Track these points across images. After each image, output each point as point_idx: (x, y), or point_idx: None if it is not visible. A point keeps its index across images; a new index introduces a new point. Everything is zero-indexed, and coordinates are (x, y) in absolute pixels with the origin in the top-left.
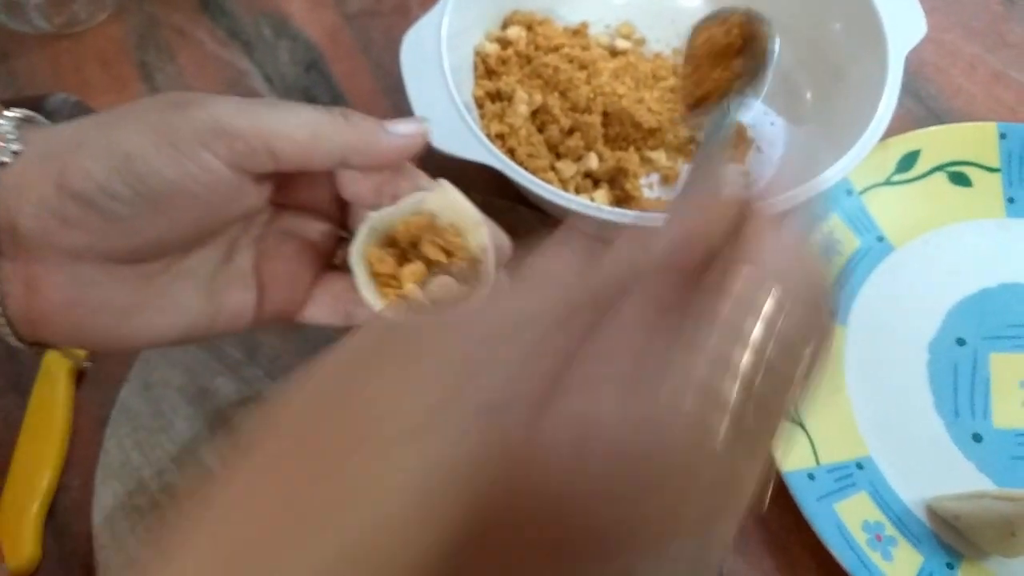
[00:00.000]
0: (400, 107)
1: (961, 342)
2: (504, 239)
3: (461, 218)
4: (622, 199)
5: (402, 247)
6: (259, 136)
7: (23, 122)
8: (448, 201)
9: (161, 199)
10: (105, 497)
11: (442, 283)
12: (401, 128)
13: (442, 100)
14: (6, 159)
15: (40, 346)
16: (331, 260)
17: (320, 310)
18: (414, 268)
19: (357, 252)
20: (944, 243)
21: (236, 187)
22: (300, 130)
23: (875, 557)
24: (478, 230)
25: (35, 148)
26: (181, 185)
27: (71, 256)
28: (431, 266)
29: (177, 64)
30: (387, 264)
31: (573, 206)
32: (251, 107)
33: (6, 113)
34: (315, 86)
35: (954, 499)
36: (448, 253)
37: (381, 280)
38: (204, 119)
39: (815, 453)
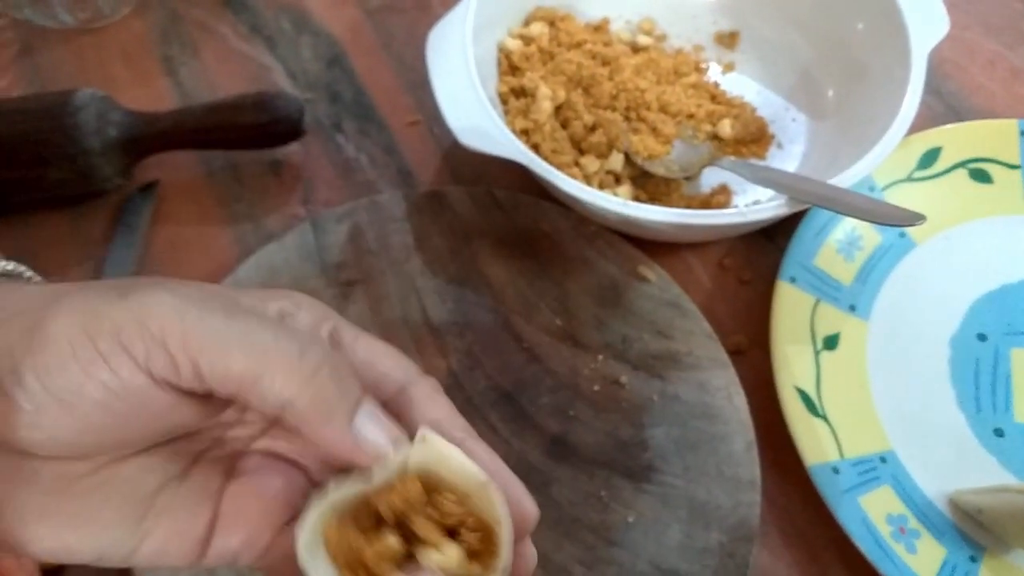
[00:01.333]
0: (422, 102)
1: (982, 338)
2: (527, 502)
3: (460, 478)
4: (647, 193)
5: (370, 525)
6: (186, 351)
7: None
8: (437, 456)
9: (64, 397)
10: None
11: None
12: (370, 435)
13: (467, 96)
14: None
15: None
16: None
17: (283, 563)
18: (383, 547)
19: (306, 544)
20: (965, 239)
21: (156, 399)
22: (239, 362)
23: (899, 549)
24: (485, 492)
25: None
26: (84, 387)
27: None
28: (415, 544)
29: (201, 59)
30: (359, 545)
31: (597, 201)
32: (202, 312)
33: None
34: (337, 82)
35: (976, 493)
36: (447, 529)
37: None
38: (133, 314)
39: (839, 447)
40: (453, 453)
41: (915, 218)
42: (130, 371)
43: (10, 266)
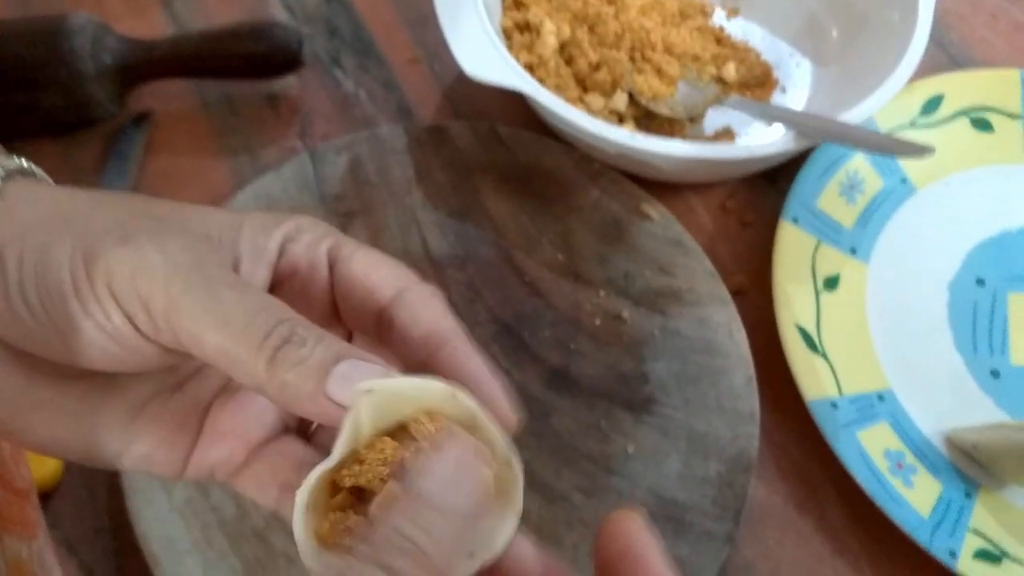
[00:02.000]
0: (422, 39)
1: (981, 282)
2: (503, 407)
3: (428, 401)
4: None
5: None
6: (167, 320)
7: (15, 173)
8: (394, 394)
9: (60, 324)
10: None
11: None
12: (347, 398)
13: (472, 26)
14: None
15: None
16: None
17: (251, 482)
18: (383, 444)
19: (299, 520)
20: (965, 187)
21: (145, 347)
22: (213, 341)
23: (896, 484)
24: (456, 401)
25: (5, 209)
26: (80, 321)
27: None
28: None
29: None
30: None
31: (602, 132)
32: (187, 284)
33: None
34: (336, 16)
35: (972, 430)
36: None
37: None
38: (127, 268)
39: (838, 384)
40: (404, 383)
41: (924, 150)
42: (120, 319)
43: (26, 164)
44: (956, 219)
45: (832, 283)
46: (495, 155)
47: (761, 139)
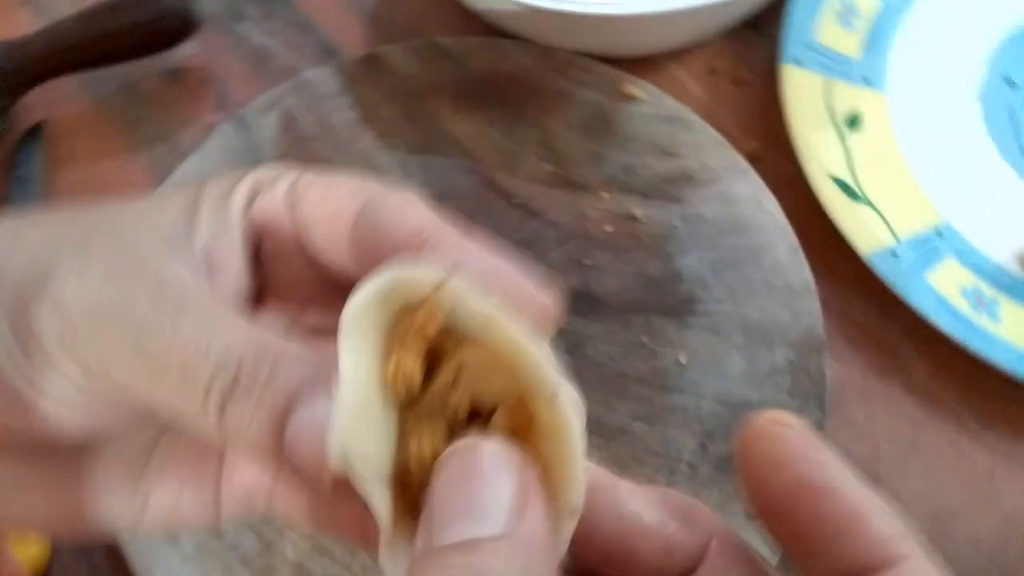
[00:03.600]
0: None
1: (1011, 83)
2: (538, 296)
3: (523, 362)
4: None
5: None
6: (110, 378)
7: None
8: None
9: (13, 402)
10: None
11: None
12: (306, 451)
13: None
14: None
15: None
16: None
17: (285, 498)
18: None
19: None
20: None
21: (104, 399)
22: (153, 401)
23: (982, 321)
24: (574, 464)
25: None
26: (26, 392)
27: None
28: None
29: None
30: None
31: (549, 4)
32: (120, 317)
33: None
34: None
35: None
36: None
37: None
38: (54, 325)
39: (891, 229)
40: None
41: None
42: (71, 387)
43: None
44: (969, 20)
45: (854, 122)
46: (444, 72)
47: None
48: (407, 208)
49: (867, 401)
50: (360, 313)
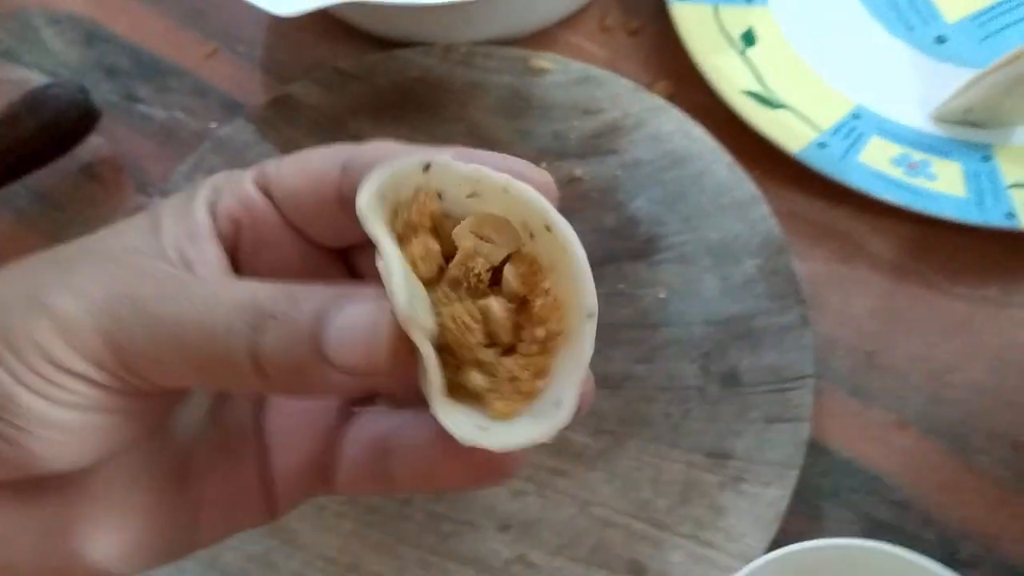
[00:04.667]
0: (207, 30)
1: None
2: (536, 174)
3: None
4: None
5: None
6: (127, 367)
7: None
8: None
9: (35, 430)
10: None
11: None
12: (345, 349)
13: None
14: None
15: None
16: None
17: (355, 470)
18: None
19: (368, 200)
20: None
21: (133, 402)
22: (180, 368)
23: (920, 182)
24: (580, 264)
25: None
26: (50, 414)
27: None
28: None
29: None
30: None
31: None
32: (122, 307)
33: None
34: (106, 55)
35: (955, 98)
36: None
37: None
38: (56, 334)
39: (812, 125)
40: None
41: None
42: (88, 387)
43: None
44: None
45: (749, 38)
46: (354, 94)
47: None
48: (388, 148)
49: (839, 288)
50: (368, 208)
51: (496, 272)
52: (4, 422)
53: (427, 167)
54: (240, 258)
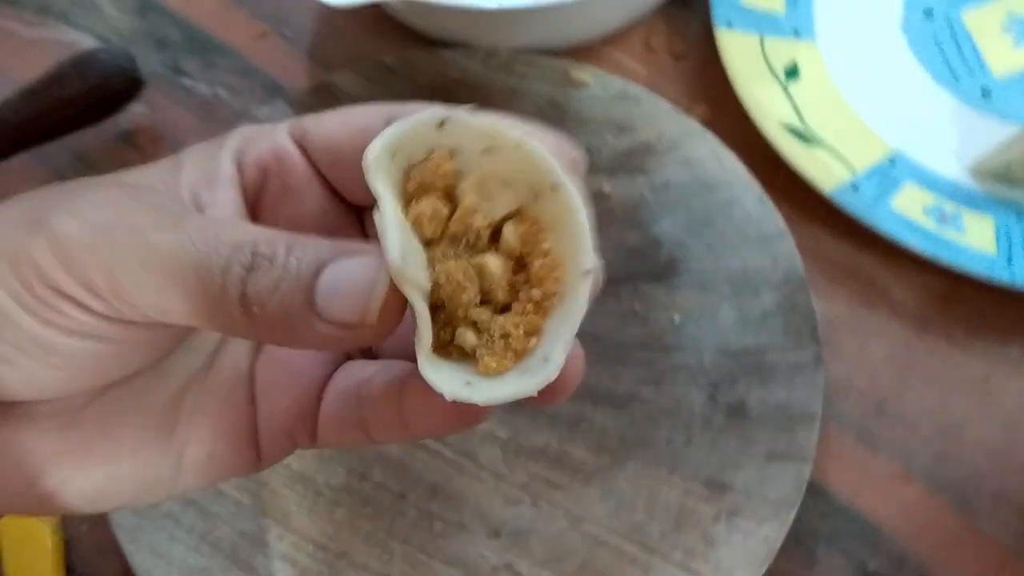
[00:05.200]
0: (258, 10)
1: (928, 13)
2: (564, 143)
3: (544, 191)
4: None
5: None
6: (118, 295)
7: None
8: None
9: (30, 350)
10: None
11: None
12: (336, 301)
13: None
14: None
15: None
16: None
17: (332, 419)
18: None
19: (375, 158)
20: None
21: (129, 332)
22: (169, 303)
23: (950, 234)
24: (582, 224)
25: None
26: (48, 338)
27: None
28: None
29: None
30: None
31: (487, 4)
32: (119, 234)
33: None
34: (157, 26)
35: (997, 152)
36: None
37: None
38: (50, 254)
39: (847, 165)
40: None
41: None
42: (82, 313)
43: None
44: None
45: (792, 72)
46: (394, 89)
47: None
48: (432, 106)
49: (857, 331)
50: (376, 161)
51: (496, 231)
52: (24, 348)
53: (442, 123)
54: (261, 208)
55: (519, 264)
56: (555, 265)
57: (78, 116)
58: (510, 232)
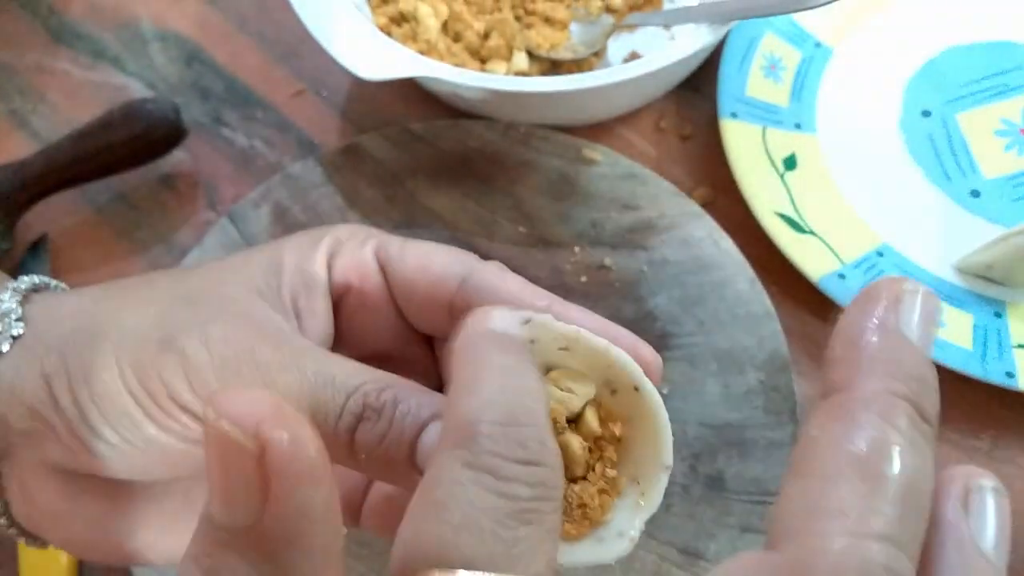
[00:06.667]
0: (299, 70)
1: (927, 114)
2: (644, 349)
3: (573, 354)
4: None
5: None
6: None
7: (31, 292)
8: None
9: (142, 446)
10: None
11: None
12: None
13: (352, 29)
14: (4, 347)
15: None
16: None
17: (372, 514)
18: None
19: None
20: (877, 32)
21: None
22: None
23: None
24: (664, 425)
25: (36, 331)
26: (159, 439)
27: (59, 467)
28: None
29: (48, 102)
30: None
31: (511, 87)
32: (244, 368)
33: (11, 285)
34: (202, 77)
35: (980, 252)
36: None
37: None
38: (180, 374)
39: (836, 255)
40: (559, 327)
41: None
42: (199, 425)
43: (38, 280)
44: (878, 64)
45: (791, 162)
46: (418, 154)
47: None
48: (505, 276)
49: None
50: None
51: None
52: (115, 432)
53: (527, 321)
54: (340, 313)
55: (594, 442)
56: (627, 450)
57: (122, 160)
58: (592, 417)
